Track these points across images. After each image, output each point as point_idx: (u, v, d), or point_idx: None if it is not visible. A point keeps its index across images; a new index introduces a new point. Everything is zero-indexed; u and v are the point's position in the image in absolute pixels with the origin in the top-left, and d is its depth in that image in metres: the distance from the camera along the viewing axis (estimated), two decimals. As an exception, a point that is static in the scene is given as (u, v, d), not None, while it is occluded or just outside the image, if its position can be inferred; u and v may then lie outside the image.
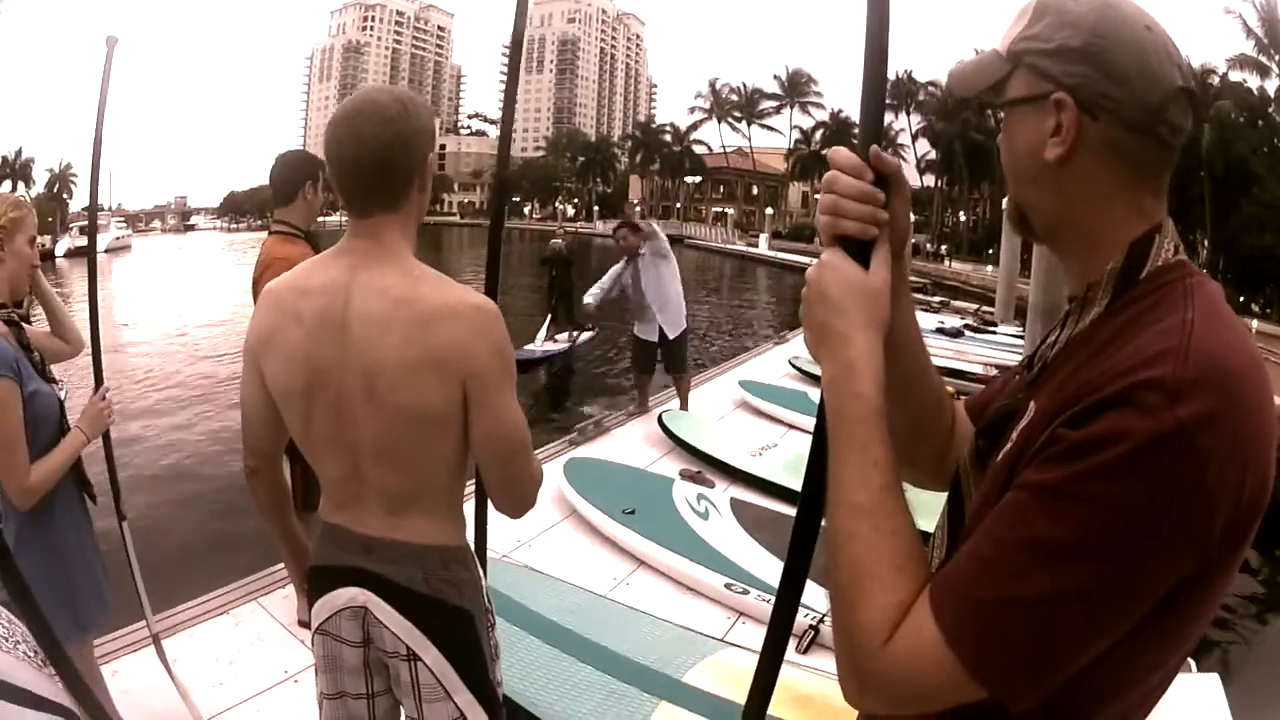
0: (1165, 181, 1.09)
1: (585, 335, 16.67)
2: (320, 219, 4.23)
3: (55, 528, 2.72)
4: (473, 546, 2.16)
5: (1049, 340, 1.17)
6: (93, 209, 3.60)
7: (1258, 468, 0.88)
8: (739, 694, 3.49)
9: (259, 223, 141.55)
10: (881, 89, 1.15)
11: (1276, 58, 39.09)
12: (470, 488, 2.36)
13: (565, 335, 16.34)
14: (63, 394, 2.81)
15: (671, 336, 8.51)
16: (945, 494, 1.31)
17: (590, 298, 8.60)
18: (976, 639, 0.91)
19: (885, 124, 1.19)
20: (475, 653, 2.03)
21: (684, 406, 8.90)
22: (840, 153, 1.16)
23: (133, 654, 3.84)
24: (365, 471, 1.90)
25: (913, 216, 1.26)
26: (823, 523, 1.11)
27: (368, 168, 1.79)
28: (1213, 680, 3.43)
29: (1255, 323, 31.45)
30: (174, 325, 22.17)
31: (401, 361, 1.77)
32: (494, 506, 2.08)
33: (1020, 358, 1.28)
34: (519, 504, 2.02)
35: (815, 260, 1.16)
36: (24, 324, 2.73)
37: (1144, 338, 0.94)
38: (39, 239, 2.70)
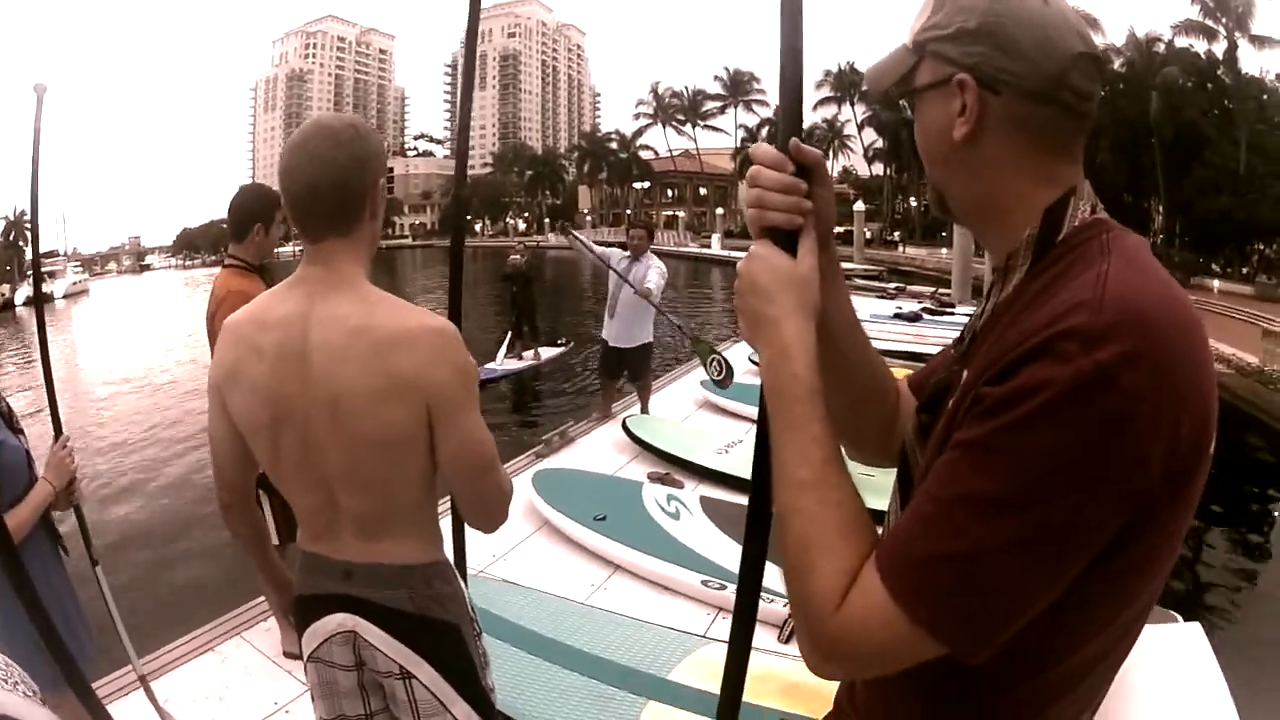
0: (1078, 147, 1.12)
1: (552, 351, 16.53)
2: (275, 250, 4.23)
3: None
4: (452, 560, 2.18)
5: (977, 312, 1.22)
6: (35, 259, 3.59)
7: (1193, 405, 0.90)
8: (722, 686, 3.55)
9: (213, 258, 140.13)
10: (798, 83, 1.20)
11: (1224, 20, 39.64)
12: (446, 503, 2.39)
13: (530, 353, 16.20)
14: (26, 444, 2.77)
15: (619, 346, 8.60)
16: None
17: (655, 289, 8.43)
18: (922, 596, 0.94)
19: (833, 116, 1.28)
20: (466, 664, 2.06)
21: (645, 410, 8.97)
22: (761, 148, 1.21)
23: (123, 698, 3.82)
24: (338, 499, 1.91)
25: (864, 205, 1.32)
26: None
27: (322, 191, 1.79)
28: (1195, 629, 3.51)
29: (1216, 283, 32.01)
30: (142, 368, 21.82)
31: (363, 389, 1.77)
32: (467, 523, 2.11)
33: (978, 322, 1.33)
34: (491, 518, 2.02)
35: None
36: None
37: (1061, 294, 0.97)
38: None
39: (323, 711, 2.09)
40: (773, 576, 1.26)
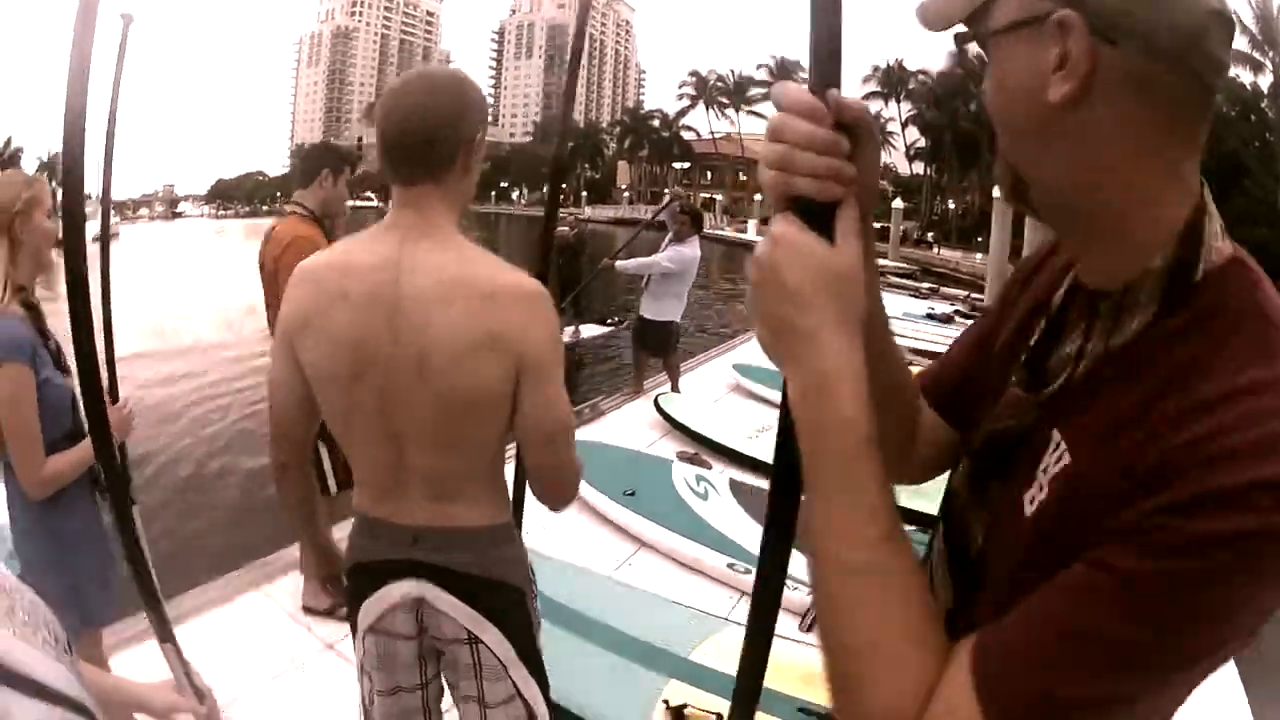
0: (1204, 137, 0.83)
1: (597, 330, 15.91)
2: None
3: (65, 521, 2.67)
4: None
5: (1066, 351, 0.95)
6: (105, 213, 3.44)
7: None
8: (748, 670, 3.51)
9: (246, 209, 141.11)
10: (836, 20, 0.83)
11: (1270, 54, 39.13)
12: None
13: (571, 329, 15.36)
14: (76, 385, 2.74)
15: (644, 317, 8.58)
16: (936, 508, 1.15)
17: (635, 267, 8.57)
18: None
19: (877, 112, 0.98)
20: (527, 627, 2.04)
21: (674, 389, 8.91)
22: (790, 89, 0.85)
23: (139, 644, 3.77)
24: (410, 458, 1.86)
25: (901, 204, 0.98)
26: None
27: (414, 132, 1.77)
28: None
29: (1248, 319, 31.87)
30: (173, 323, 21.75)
31: (458, 340, 1.73)
32: (535, 496, 2.02)
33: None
34: (561, 492, 1.98)
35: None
36: (41, 311, 2.69)
37: (1241, 404, 0.73)
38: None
39: (379, 684, 2.04)
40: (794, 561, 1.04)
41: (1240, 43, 39.93)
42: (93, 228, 2.36)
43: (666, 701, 3.36)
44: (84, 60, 1.46)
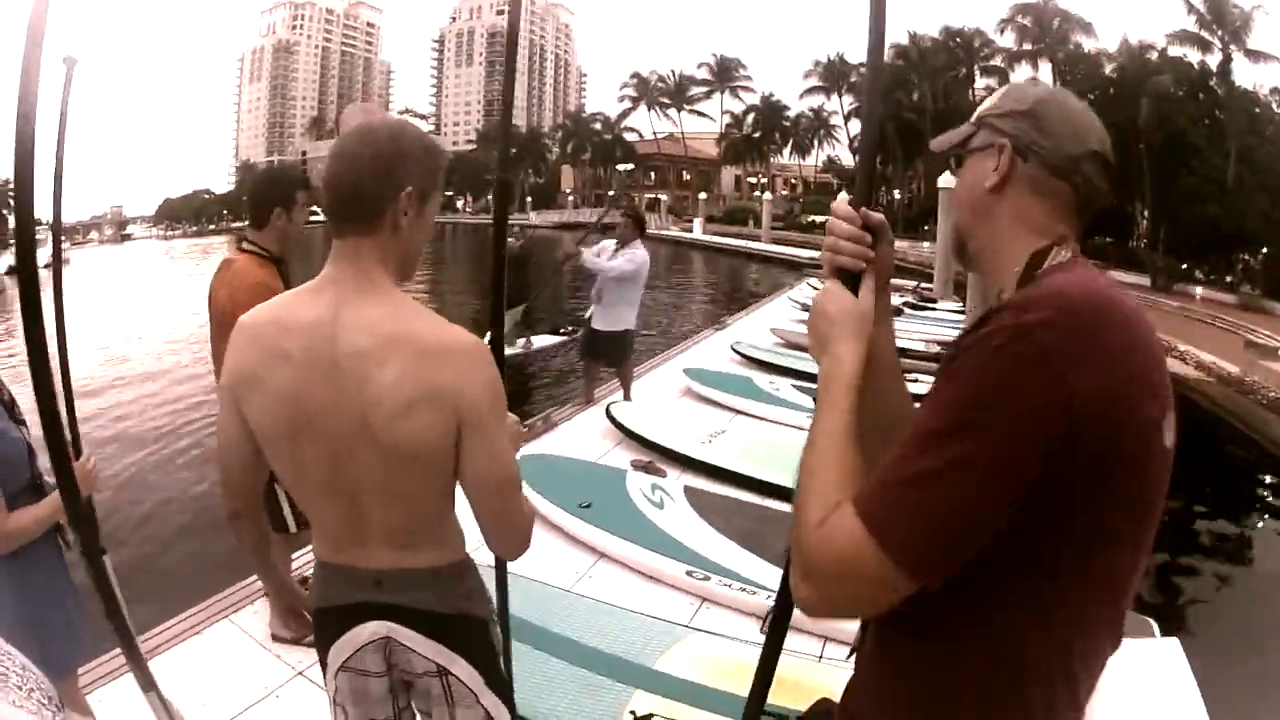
0: (1077, 222, 1.40)
1: (549, 340, 15.58)
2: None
3: (29, 574, 2.61)
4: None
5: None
6: (56, 234, 3.34)
7: (1113, 372, 1.12)
8: (711, 677, 3.62)
9: (194, 229, 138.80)
10: (873, 151, 1.64)
11: (1219, 32, 39.81)
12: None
13: (522, 340, 14.92)
14: (29, 437, 2.67)
15: (598, 329, 8.57)
16: None
17: (593, 263, 8.38)
18: (876, 512, 1.16)
19: (819, 106, 1.62)
20: (493, 655, 2.09)
21: (627, 397, 8.96)
22: (841, 205, 1.53)
23: (116, 679, 3.77)
24: (364, 510, 1.89)
25: (847, 196, 1.62)
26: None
27: (342, 185, 1.78)
28: (1173, 645, 3.59)
29: (1200, 290, 32.26)
30: (125, 349, 21.38)
31: (397, 397, 1.75)
32: (488, 545, 2.06)
33: (959, 331, 1.54)
34: (512, 541, 2.01)
35: (816, 287, 1.42)
36: None
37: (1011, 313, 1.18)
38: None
39: (355, 718, 2.07)
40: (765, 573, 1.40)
41: (1188, 22, 40.55)
42: (42, 256, 2.33)
43: (633, 712, 3.44)
44: (29, 102, 1.51)
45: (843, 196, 1.64)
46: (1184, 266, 36.96)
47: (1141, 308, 1.24)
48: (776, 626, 1.69)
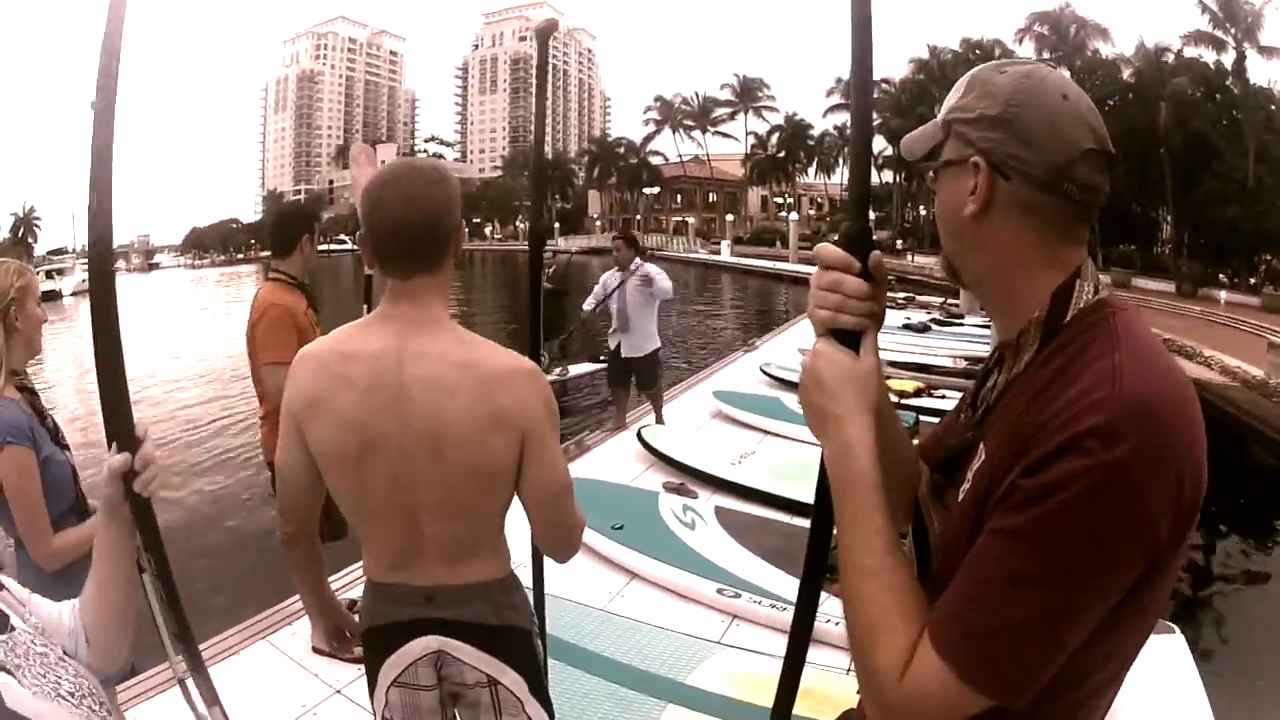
0: (1083, 233, 1.21)
1: (585, 368, 15.55)
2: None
3: (72, 586, 2.68)
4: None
5: (988, 384, 1.32)
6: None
7: (1192, 478, 1.03)
8: (740, 691, 3.69)
9: (222, 258, 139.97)
10: (865, 178, 1.36)
11: (1233, 31, 39.53)
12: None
13: (559, 370, 14.93)
14: (73, 460, 2.85)
15: (629, 356, 8.67)
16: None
17: (586, 304, 8.74)
18: (976, 664, 1.06)
19: (844, 123, 1.40)
20: (535, 663, 2.18)
21: (659, 420, 9.01)
22: (830, 252, 1.31)
23: (158, 694, 3.87)
24: (424, 529, 1.97)
25: (874, 213, 1.45)
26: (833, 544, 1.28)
27: (415, 228, 1.86)
28: (1178, 640, 3.64)
29: (1224, 294, 31.89)
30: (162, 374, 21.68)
31: (468, 423, 1.86)
32: (543, 551, 2.21)
33: (987, 349, 1.57)
34: (566, 545, 2.14)
35: (807, 350, 1.32)
36: (36, 391, 2.82)
37: (1079, 385, 1.07)
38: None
39: None
40: (794, 590, 1.43)
41: (1202, 22, 40.16)
42: (71, 283, 2.41)
43: (665, 726, 3.50)
44: (106, 139, 1.59)
45: (832, 240, 1.37)
46: (1207, 270, 36.61)
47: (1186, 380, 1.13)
48: (797, 641, 1.48)
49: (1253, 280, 36.13)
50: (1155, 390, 1.05)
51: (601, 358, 15.45)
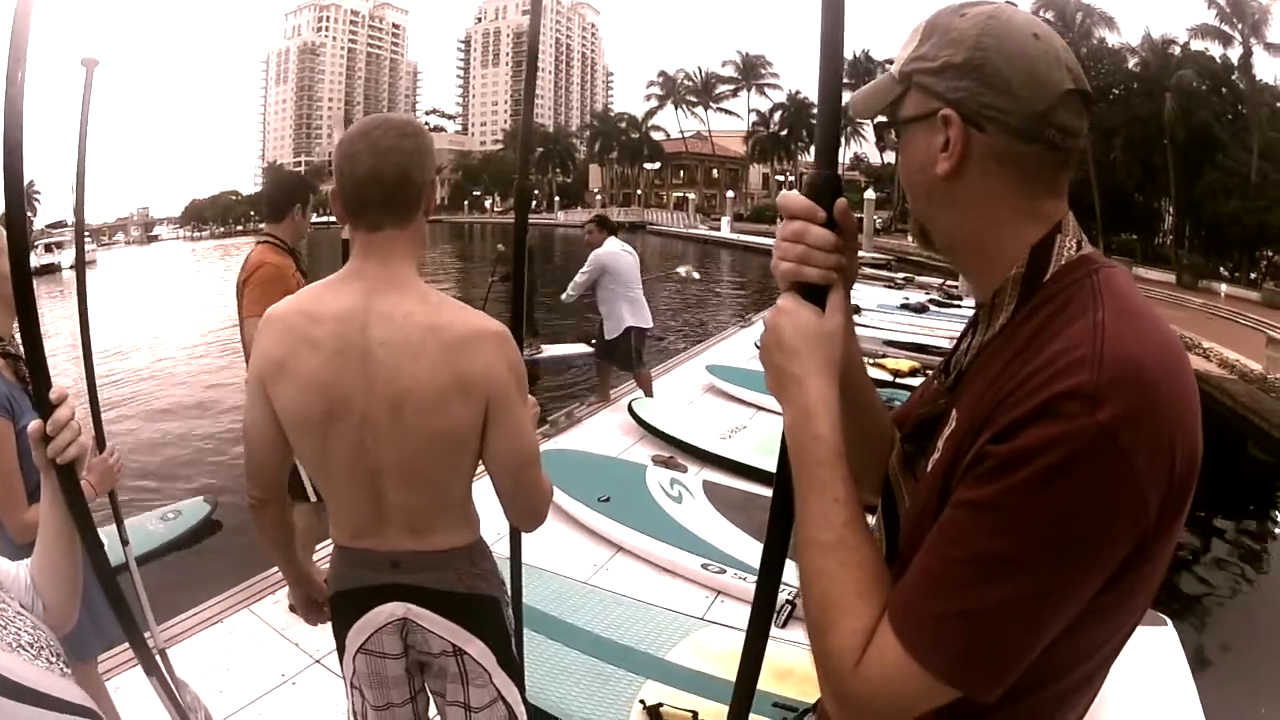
0: (1064, 182, 1.11)
1: (565, 349, 14.28)
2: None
3: None
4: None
5: (962, 347, 1.22)
6: (79, 260, 3.49)
7: (1184, 448, 0.92)
8: (721, 668, 3.65)
9: (221, 229, 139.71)
10: (836, 131, 1.18)
11: (1239, 26, 39.36)
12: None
13: (530, 347, 13.65)
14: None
15: (607, 337, 8.55)
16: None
17: (569, 289, 8.62)
18: (939, 651, 0.95)
19: (847, 103, 1.20)
20: (504, 634, 2.14)
21: (648, 394, 8.94)
22: (793, 200, 1.18)
23: (135, 667, 3.85)
24: (387, 495, 1.93)
25: (874, 194, 1.34)
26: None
27: (386, 178, 1.81)
28: (1169, 632, 3.60)
29: (1224, 287, 31.90)
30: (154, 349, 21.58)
31: (432, 386, 1.81)
32: (509, 519, 2.16)
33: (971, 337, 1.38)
34: (533, 514, 2.08)
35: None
36: (19, 358, 2.76)
37: (1057, 343, 0.97)
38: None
39: (373, 700, 2.12)
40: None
41: (1209, 16, 39.97)
42: (68, 256, 2.38)
43: (643, 701, 3.47)
44: (16, 103, 1.53)
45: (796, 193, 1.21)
46: (1208, 263, 36.57)
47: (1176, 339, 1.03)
48: (759, 619, 1.40)
49: (1253, 275, 36.07)
50: (1143, 349, 0.95)
51: (592, 342, 15.20)
